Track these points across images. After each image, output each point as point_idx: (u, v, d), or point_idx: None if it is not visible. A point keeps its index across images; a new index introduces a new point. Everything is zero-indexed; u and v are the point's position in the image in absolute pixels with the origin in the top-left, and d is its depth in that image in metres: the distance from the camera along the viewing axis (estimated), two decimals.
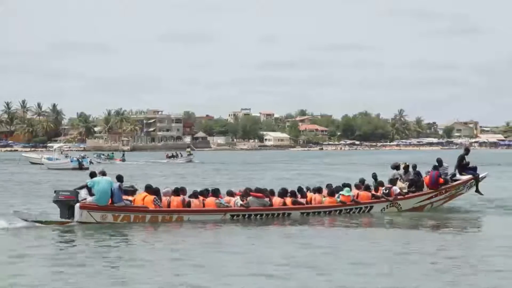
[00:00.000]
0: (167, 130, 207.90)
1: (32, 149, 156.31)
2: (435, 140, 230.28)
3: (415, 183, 25.82)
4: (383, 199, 24.83)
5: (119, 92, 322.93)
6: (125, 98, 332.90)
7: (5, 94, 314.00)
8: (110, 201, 21.43)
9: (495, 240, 18.93)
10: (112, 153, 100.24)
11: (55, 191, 22.01)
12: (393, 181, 25.42)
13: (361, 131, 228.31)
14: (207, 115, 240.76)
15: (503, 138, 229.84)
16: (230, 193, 23.49)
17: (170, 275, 13.94)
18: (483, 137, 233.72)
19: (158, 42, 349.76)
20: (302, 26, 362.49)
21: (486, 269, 14.44)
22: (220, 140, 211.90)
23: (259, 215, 22.82)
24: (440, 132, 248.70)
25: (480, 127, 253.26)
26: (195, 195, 22.65)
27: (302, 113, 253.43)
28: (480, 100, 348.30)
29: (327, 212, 23.67)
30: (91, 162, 76.86)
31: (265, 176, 54.53)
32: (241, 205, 22.69)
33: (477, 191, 26.91)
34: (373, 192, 24.95)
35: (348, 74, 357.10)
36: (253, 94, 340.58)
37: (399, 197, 25.06)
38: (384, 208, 24.76)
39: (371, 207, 24.56)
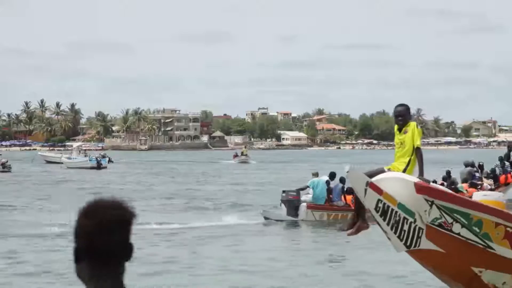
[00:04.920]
0: (185, 129, 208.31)
1: (51, 148, 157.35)
2: (453, 139, 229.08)
3: (496, 179, 26.93)
4: None
5: (137, 91, 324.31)
6: (143, 98, 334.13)
7: (24, 93, 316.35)
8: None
9: None
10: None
11: (283, 191, 24.21)
12: (480, 179, 26.97)
13: (379, 130, 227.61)
14: (224, 114, 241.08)
15: None
16: None
17: None
18: (502, 136, 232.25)
19: (176, 42, 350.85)
20: (320, 26, 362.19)
21: None
22: (238, 139, 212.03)
23: None
24: (458, 131, 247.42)
25: (499, 126, 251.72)
26: None
27: (320, 112, 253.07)
28: (499, 99, 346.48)
29: None
30: (110, 161, 77.28)
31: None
32: None
33: None
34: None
35: (366, 74, 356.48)
36: (271, 93, 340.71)
37: None
38: None
39: None
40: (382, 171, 8.30)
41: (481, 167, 27.66)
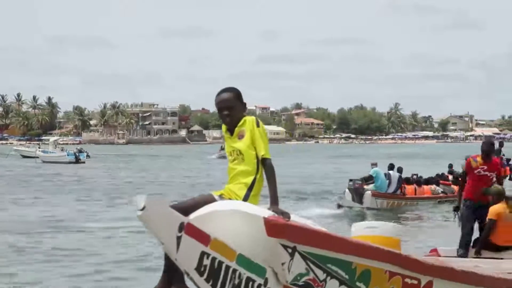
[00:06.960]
0: (163, 124, 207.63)
1: (27, 142, 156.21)
2: (430, 133, 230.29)
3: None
4: None
5: (115, 86, 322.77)
6: (121, 92, 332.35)
7: (1, 87, 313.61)
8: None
9: None
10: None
11: (350, 180, 25.85)
12: None
13: (357, 124, 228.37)
14: (202, 109, 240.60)
15: (498, 132, 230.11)
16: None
17: None
18: (478, 131, 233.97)
19: (156, 36, 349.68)
20: (301, 20, 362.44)
21: None
22: (216, 133, 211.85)
23: (447, 201, 25.55)
24: (436, 125, 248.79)
25: (476, 120, 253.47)
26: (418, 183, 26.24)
27: (298, 106, 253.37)
28: (476, 93, 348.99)
29: None
30: (88, 156, 76.61)
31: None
32: (441, 192, 25.80)
33: (510, 179, 29.51)
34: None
35: (345, 68, 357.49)
36: (249, 88, 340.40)
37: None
38: None
39: None
40: (210, 200, 4.89)
41: None
